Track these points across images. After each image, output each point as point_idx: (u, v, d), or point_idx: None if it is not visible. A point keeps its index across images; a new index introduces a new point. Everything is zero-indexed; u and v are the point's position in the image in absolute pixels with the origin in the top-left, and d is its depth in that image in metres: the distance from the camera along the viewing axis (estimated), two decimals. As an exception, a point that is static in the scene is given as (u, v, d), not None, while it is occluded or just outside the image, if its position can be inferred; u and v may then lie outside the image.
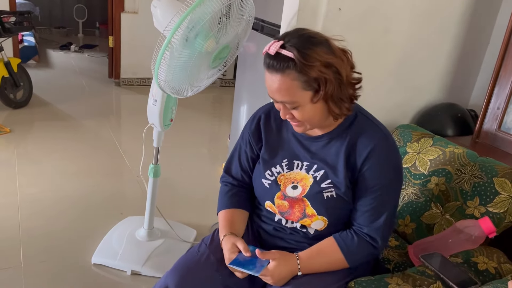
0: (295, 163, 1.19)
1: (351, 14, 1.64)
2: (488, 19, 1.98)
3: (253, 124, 1.27)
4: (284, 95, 1.04)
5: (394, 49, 1.82)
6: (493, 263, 1.28)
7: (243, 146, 1.29)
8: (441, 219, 1.49)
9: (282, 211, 1.20)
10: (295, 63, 1.00)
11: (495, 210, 1.38)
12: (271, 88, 1.05)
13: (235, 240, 1.17)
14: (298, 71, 1.00)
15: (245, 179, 1.30)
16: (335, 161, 1.13)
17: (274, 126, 1.24)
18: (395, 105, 1.95)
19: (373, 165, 1.09)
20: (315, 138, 1.17)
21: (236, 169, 1.31)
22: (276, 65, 1.02)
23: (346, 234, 1.15)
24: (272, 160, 1.22)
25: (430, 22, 1.83)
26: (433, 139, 1.64)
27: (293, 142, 1.20)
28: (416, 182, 1.60)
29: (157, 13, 1.53)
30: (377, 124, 1.14)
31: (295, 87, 1.02)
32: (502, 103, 1.66)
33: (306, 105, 1.05)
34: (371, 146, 1.09)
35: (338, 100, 1.06)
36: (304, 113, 1.07)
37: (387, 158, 1.11)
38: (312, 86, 1.03)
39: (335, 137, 1.14)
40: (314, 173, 1.15)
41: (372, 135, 1.11)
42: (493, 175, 1.42)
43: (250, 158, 1.28)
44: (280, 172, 1.20)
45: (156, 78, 1.42)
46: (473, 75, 2.08)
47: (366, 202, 1.12)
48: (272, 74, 1.04)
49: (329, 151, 1.15)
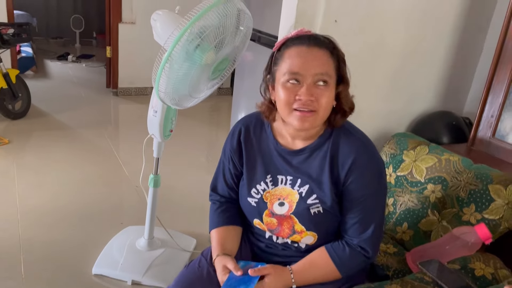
0: (279, 178, 1.17)
1: (347, 26, 1.67)
2: (481, 28, 2.02)
3: (233, 139, 1.24)
4: (322, 65, 1.04)
5: (389, 58, 1.85)
6: (490, 269, 1.30)
7: (226, 164, 1.27)
8: (438, 226, 1.52)
9: (271, 229, 1.20)
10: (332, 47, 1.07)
11: (491, 216, 1.41)
12: (306, 59, 1.04)
13: (225, 261, 1.16)
14: (333, 53, 1.07)
15: (232, 196, 1.29)
16: (319, 175, 1.12)
17: (254, 139, 1.22)
18: (390, 112, 1.98)
19: (357, 177, 1.10)
20: (297, 151, 1.15)
21: (222, 187, 1.30)
22: (316, 43, 1.06)
23: (337, 245, 1.15)
24: (255, 177, 1.20)
25: (424, 32, 1.87)
26: (429, 147, 1.67)
27: (275, 155, 1.18)
28: (413, 190, 1.62)
29: (156, 26, 1.56)
30: (354, 134, 1.14)
31: (331, 64, 1.07)
32: (495, 111, 1.69)
33: (332, 89, 1.07)
34: (352, 157, 1.09)
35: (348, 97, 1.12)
36: (329, 98, 1.07)
37: (369, 168, 1.11)
38: (338, 74, 1.09)
39: (316, 149, 1.13)
40: (299, 188, 1.14)
41: (351, 145, 1.11)
42: (488, 182, 1.45)
43: (235, 175, 1.26)
44: (266, 189, 1.18)
45: (156, 90, 1.45)
46: (467, 83, 2.12)
47: (353, 214, 1.12)
48: (309, 47, 1.05)
49: (311, 164, 1.14)
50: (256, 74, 2.53)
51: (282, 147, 1.18)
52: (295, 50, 1.06)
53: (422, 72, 1.96)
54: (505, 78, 1.64)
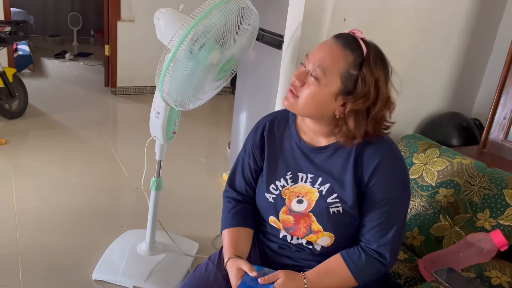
0: (299, 176, 1.15)
1: (355, 25, 1.61)
2: (490, 29, 1.98)
3: (257, 134, 1.23)
4: (324, 59, 1.01)
5: (398, 58, 1.79)
6: (506, 278, 1.25)
7: (246, 159, 1.25)
8: (451, 232, 1.47)
9: (287, 227, 1.17)
10: (361, 55, 0.99)
11: (506, 222, 1.36)
12: (321, 48, 1.03)
13: (239, 264, 1.13)
14: (357, 62, 1.00)
15: (249, 193, 1.26)
16: (341, 174, 1.10)
17: (277, 136, 1.20)
18: (399, 114, 1.90)
19: (381, 179, 1.07)
20: (320, 149, 1.13)
21: (240, 183, 1.27)
22: (346, 42, 1.01)
23: (353, 251, 1.12)
24: (275, 173, 1.18)
25: (434, 32, 1.82)
26: (439, 150, 1.63)
27: (297, 152, 1.16)
28: (424, 194, 1.58)
29: (160, 25, 1.50)
30: (382, 136, 1.11)
31: (339, 66, 1.00)
32: (508, 112, 1.64)
33: (324, 89, 1.02)
34: (378, 159, 1.06)
35: (359, 119, 1.03)
36: (314, 92, 1.02)
37: (394, 171, 1.08)
38: (348, 84, 1.01)
39: (340, 147, 1.10)
40: (319, 186, 1.12)
41: (378, 147, 1.08)
42: (503, 187, 1.40)
43: (254, 171, 1.24)
44: (285, 186, 1.16)
45: (160, 91, 1.40)
46: (476, 84, 2.08)
47: (374, 217, 1.09)
48: (334, 42, 1.02)
49: (334, 163, 1.11)
50: (259, 74, 2.48)
51: (305, 144, 1.16)
52: (327, 40, 1.06)
53: (431, 73, 1.92)
54: (518, 79, 1.60)
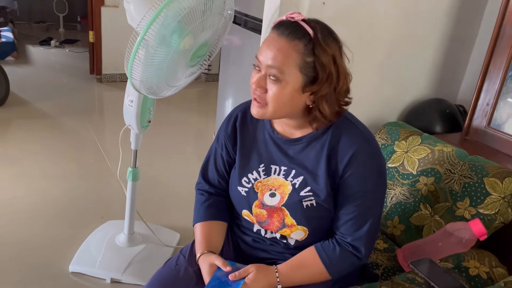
0: (273, 168, 1.11)
1: (336, 8, 1.57)
2: (476, 13, 1.93)
3: (229, 125, 1.18)
4: (276, 58, 0.95)
5: (381, 43, 1.76)
6: (484, 268, 1.23)
7: (219, 150, 1.21)
8: (431, 221, 1.44)
9: (260, 221, 1.14)
10: (310, 40, 0.94)
11: (486, 211, 1.34)
12: (268, 47, 0.96)
13: (212, 259, 1.10)
14: (309, 48, 0.94)
15: (222, 185, 1.23)
16: (315, 167, 1.06)
17: (250, 127, 1.16)
18: (382, 101, 1.89)
19: (356, 171, 1.03)
20: (293, 140, 1.09)
21: (212, 174, 1.23)
22: (289, 32, 0.95)
23: (328, 244, 1.09)
24: (248, 166, 1.14)
25: (417, 16, 1.77)
26: (421, 137, 1.59)
27: (270, 144, 1.12)
28: (405, 182, 1.55)
29: (130, 8, 1.44)
30: (357, 126, 1.07)
31: (294, 60, 0.95)
32: (491, 99, 1.61)
33: (288, 86, 0.96)
34: (352, 150, 1.02)
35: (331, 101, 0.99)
36: (280, 94, 0.97)
37: (370, 163, 1.04)
38: (308, 73, 0.95)
39: (314, 139, 1.06)
40: (292, 179, 1.08)
41: (353, 138, 1.04)
42: (483, 175, 1.37)
43: (227, 162, 1.20)
44: (257, 179, 1.12)
45: (130, 79, 1.34)
46: (460, 70, 2.04)
47: (348, 210, 1.05)
48: (278, 37, 0.96)
49: (308, 155, 1.07)
50: (242, 60, 2.42)
51: (278, 135, 1.12)
52: (269, 36, 0.99)
53: (414, 59, 1.87)
54: (502, 65, 1.56)
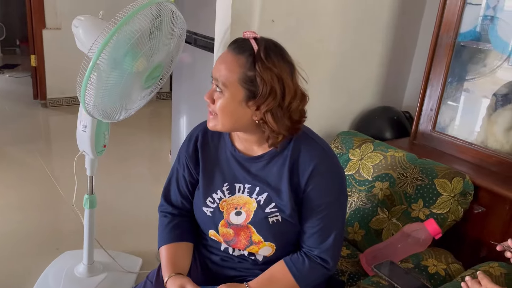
0: (237, 186, 1.13)
1: (285, 25, 1.62)
2: (414, 24, 2.06)
3: (190, 145, 1.18)
4: (221, 71, 1.01)
5: (329, 56, 1.83)
6: (442, 265, 1.30)
7: (181, 170, 1.20)
8: (389, 224, 1.51)
9: (227, 240, 1.14)
10: (253, 56, 0.98)
11: (439, 211, 1.42)
12: (218, 62, 1.04)
13: (182, 282, 1.08)
14: (250, 63, 0.98)
15: (186, 206, 1.22)
16: (278, 183, 1.08)
17: (212, 146, 1.17)
18: (334, 111, 1.96)
19: (317, 185, 1.06)
20: (255, 158, 1.11)
21: (175, 196, 1.22)
22: (236, 47, 1.02)
23: (296, 257, 1.11)
24: (212, 185, 1.14)
25: (361, 29, 1.86)
26: (373, 144, 1.66)
27: (232, 163, 1.13)
28: (362, 189, 1.60)
29: (79, 33, 1.41)
30: (316, 140, 1.11)
31: (236, 74, 1.00)
32: (434, 104, 1.71)
33: (230, 99, 1.01)
34: (313, 165, 1.05)
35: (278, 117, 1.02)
36: (224, 106, 1.02)
37: (330, 175, 1.08)
38: (250, 87, 0.99)
39: (276, 155, 1.09)
40: (257, 196, 1.10)
41: (313, 152, 1.07)
42: (433, 176, 1.46)
43: (190, 183, 1.20)
44: (222, 198, 1.13)
45: (83, 104, 1.31)
46: (404, 77, 2.15)
47: (313, 223, 1.08)
48: (227, 52, 1.03)
49: (270, 171, 1.10)
50: (194, 77, 2.42)
51: (240, 153, 1.13)
52: (224, 51, 1.05)
53: (361, 70, 1.97)
54: (441, 72, 1.67)
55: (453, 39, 1.61)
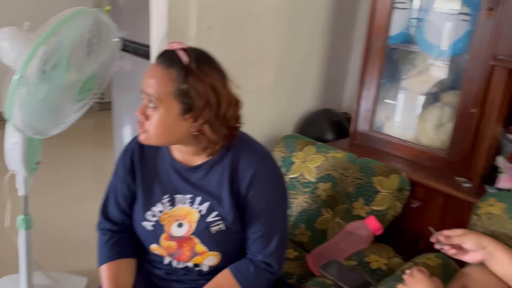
0: (177, 198, 1.11)
1: (223, 32, 1.63)
2: (348, 27, 2.14)
3: (126, 159, 1.15)
4: (153, 86, 0.97)
5: (270, 62, 1.86)
6: (383, 260, 1.35)
7: (118, 185, 1.17)
8: (333, 223, 1.55)
9: (170, 253, 1.12)
10: (184, 68, 0.96)
11: (378, 207, 1.47)
12: (147, 76, 0.99)
13: None
14: (182, 76, 0.95)
15: (126, 222, 1.18)
16: (219, 191, 1.08)
17: (149, 158, 1.14)
18: (277, 115, 1.99)
19: (258, 191, 1.07)
20: (195, 168, 1.10)
21: (113, 212, 1.18)
22: (165, 60, 0.98)
23: (241, 264, 1.11)
24: (151, 198, 1.12)
25: (299, 35, 1.91)
26: (315, 146, 1.70)
27: (172, 174, 1.11)
28: (306, 190, 1.63)
29: (5, 46, 1.33)
30: (255, 146, 1.12)
31: (168, 88, 0.96)
32: (370, 104, 1.78)
33: (166, 114, 0.98)
34: (252, 170, 1.06)
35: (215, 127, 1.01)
36: (159, 121, 0.98)
37: (270, 180, 1.09)
38: (185, 100, 0.97)
39: (215, 164, 1.08)
40: (198, 206, 1.09)
41: (251, 158, 1.08)
42: (372, 174, 1.51)
43: (128, 198, 1.16)
44: (163, 211, 1.11)
45: (10, 119, 1.24)
46: (342, 80, 2.23)
47: (256, 229, 1.09)
48: (156, 65, 0.99)
49: (210, 180, 1.09)
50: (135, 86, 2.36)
51: (179, 164, 1.11)
52: (150, 66, 1.01)
53: (301, 74, 2.01)
54: (375, 74, 1.74)
55: (384, 42, 1.69)
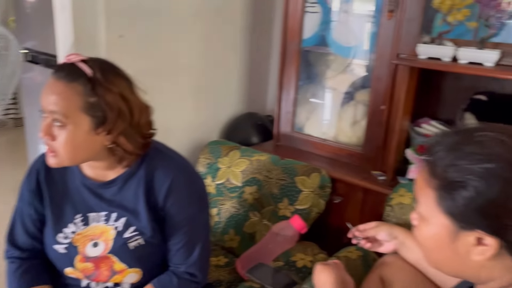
0: (91, 216, 1.05)
1: (135, 40, 1.58)
2: (267, 32, 2.17)
3: (31, 180, 1.08)
4: (57, 103, 0.90)
5: (189, 70, 1.84)
6: (309, 257, 1.38)
7: (25, 209, 1.09)
8: (260, 226, 1.56)
9: (87, 275, 1.06)
10: (89, 80, 0.90)
11: (302, 206, 1.50)
12: (48, 93, 0.91)
13: None
14: (89, 89, 0.90)
15: (36, 247, 1.10)
16: (135, 205, 1.04)
17: (58, 178, 1.08)
18: (202, 122, 1.97)
19: (176, 201, 1.04)
20: (108, 183, 1.05)
21: (22, 238, 1.10)
22: (66, 74, 0.91)
23: (164, 278, 1.08)
24: (62, 220, 1.05)
25: (216, 41, 1.90)
26: (240, 151, 1.71)
27: (84, 192, 1.06)
28: (233, 195, 1.63)
29: None
30: (170, 155, 1.09)
31: (75, 103, 0.91)
32: (290, 106, 1.82)
33: (76, 130, 0.92)
34: (169, 181, 1.03)
35: (131, 137, 0.97)
36: (70, 140, 0.92)
37: (188, 189, 1.07)
38: (95, 114, 0.92)
39: (129, 177, 1.04)
40: (114, 223, 1.04)
41: (167, 168, 1.05)
42: (294, 174, 1.54)
43: (37, 221, 1.09)
44: (75, 231, 1.05)
45: None
46: (265, 83, 2.26)
47: (177, 240, 1.06)
48: (56, 81, 0.91)
49: (126, 194, 1.04)
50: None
51: (90, 180, 1.05)
52: (48, 81, 0.93)
53: (223, 79, 2.01)
54: (292, 76, 1.78)
55: (298, 45, 1.73)
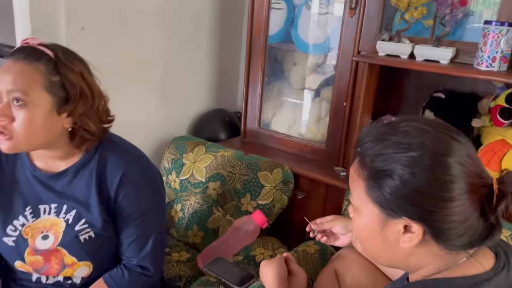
0: (41, 208, 1.03)
1: (97, 32, 1.55)
2: (236, 27, 2.17)
3: None
4: (16, 81, 0.89)
5: (154, 64, 1.82)
6: (269, 252, 1.39)
7: None
8: (223, 221, 1.55)
9: (37, 268, 1.04)
10: (50, 59, 0.91)
11: (264, 201, 1.51)
12: (5, 73, 0.90)
13: None
14: (51, 68, 0.91)
15: None
16: (86, 197, 1.03)
17: (7, 168, 1.05)
18: (168, 118, 1.95)
19: (128, 193, 1.03)
20: (59, 174, 1.03)
21: None
22: (27, 55, 0.91)
23: (116, 272, 1.07)
24: (11, 212, 1.03)
25: (183, 36, 1.89)
26: (205, 147, 1.70)
27: (34, 183, 1.04)
28: (197, 191, 1.63)
29: None
30: (123, 147, 1.08)
31: (37, 81, 0.90)
32: (256, 103, 1.82)
33: (37, 109, 0.90)
34: (121, 172, 1.02)
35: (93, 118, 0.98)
36: (30, 119, 0.90)
37: (141, 181, 1.06)
38: (58, 93, 0.92)
39: (81, 168, 1.03)
40: (65, 215, 1.03)
41: (120, 160, 1.04)
42: (257, 170, 1.55)
43: None
44: (25, 224, 1.03)
45: None
46: (234, 80, 2.25)
47: (129, 233, 1.05)
48: (15, 62, 0.90)
49: (77, 186, 1.03)
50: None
51: (41, 172, 1.03)
52: (5, 64, 0.92)
53: (190, 75, 2.00)
54: (258, 72, 1.78)
55: (264, 42, 1.74)
